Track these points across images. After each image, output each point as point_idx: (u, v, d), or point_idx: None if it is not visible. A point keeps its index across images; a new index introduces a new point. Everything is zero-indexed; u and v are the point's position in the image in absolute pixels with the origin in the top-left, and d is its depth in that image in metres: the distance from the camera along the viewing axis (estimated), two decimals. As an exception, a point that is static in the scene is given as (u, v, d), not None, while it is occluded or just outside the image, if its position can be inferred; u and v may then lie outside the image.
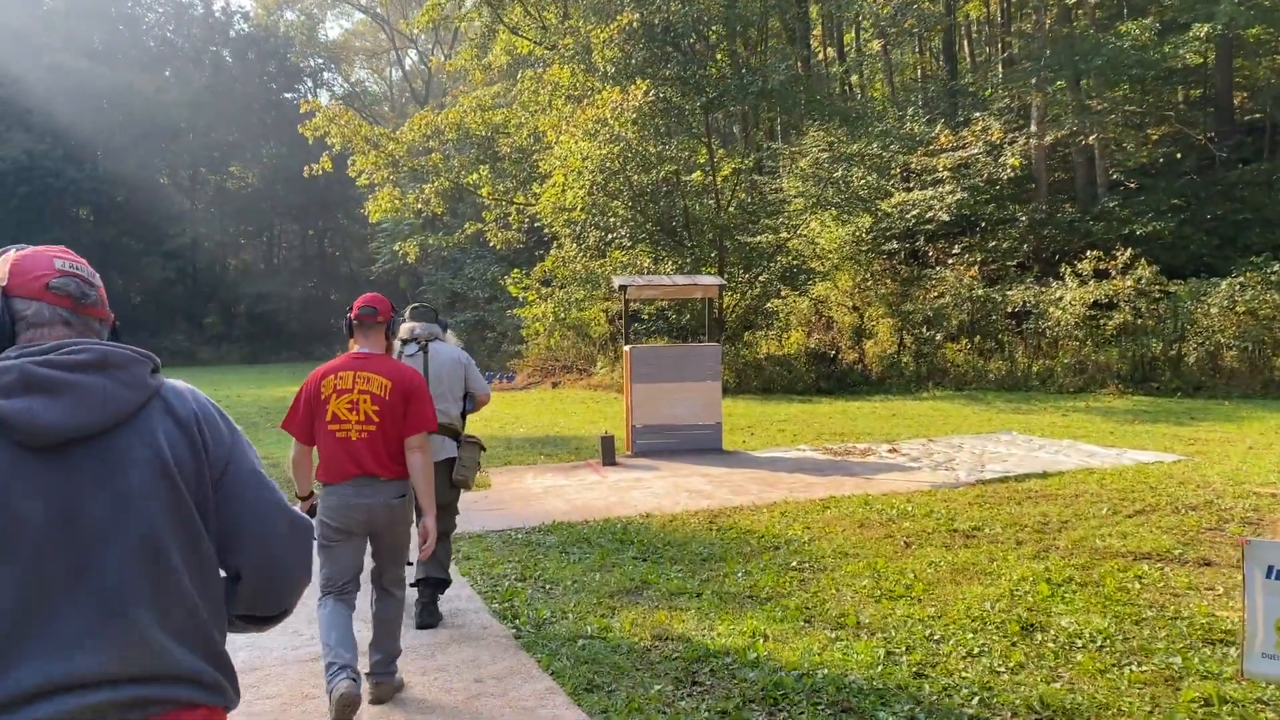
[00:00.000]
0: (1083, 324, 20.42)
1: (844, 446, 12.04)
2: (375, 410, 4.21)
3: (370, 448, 4.20)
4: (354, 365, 4.30)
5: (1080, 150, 25.24)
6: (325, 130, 23.81)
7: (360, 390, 4.24)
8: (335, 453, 4.21)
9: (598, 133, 18.83)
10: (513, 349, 28.75)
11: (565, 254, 21.56)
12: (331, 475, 4.23)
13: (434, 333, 5.74)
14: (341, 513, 4.23)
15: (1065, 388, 18.03)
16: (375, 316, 4.42)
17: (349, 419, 4.21)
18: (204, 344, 45.70)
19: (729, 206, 21.95)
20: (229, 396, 22.26)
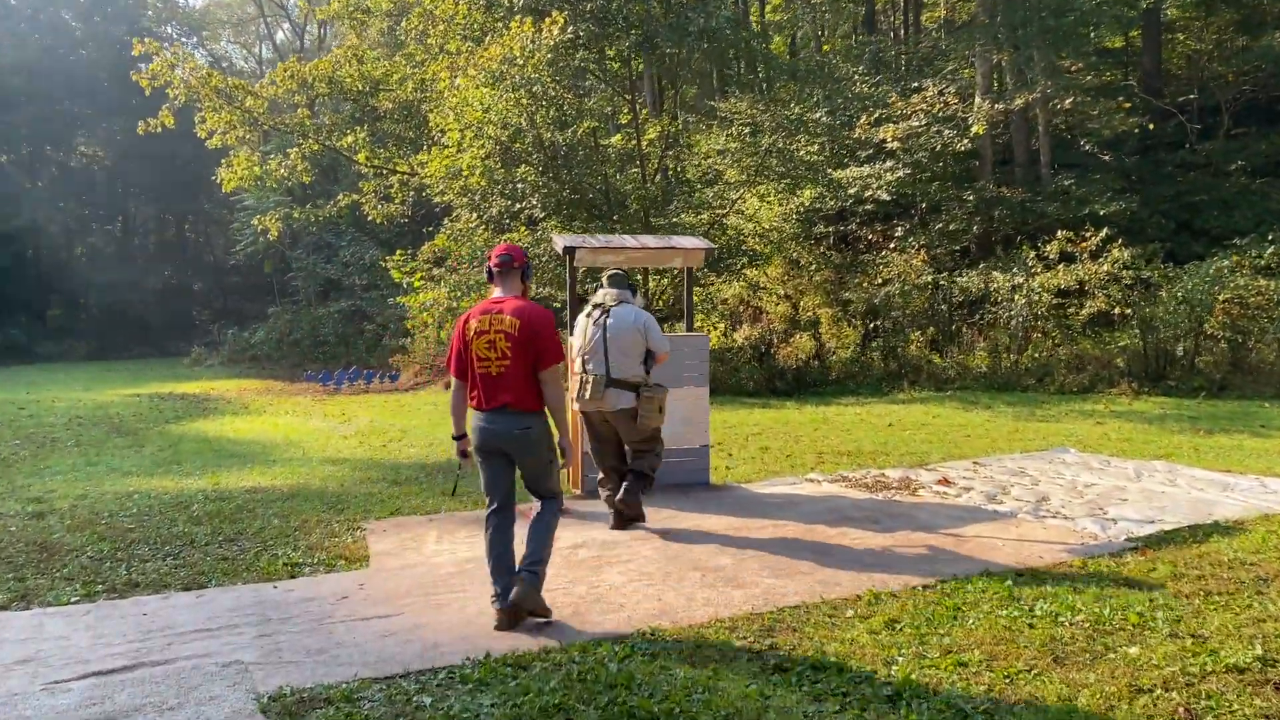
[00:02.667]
0: (1050, 313, 17.45)
1: (869, 476, 8.43)
2: (509, 347, 4.69)
3: (507, 381, 4.71)
4: (489, 309, 4.82)
5: (1020, 127, 22.41)
6: (166, 79, 19.02)
7: (495, 330, 4.73)
8: (480, 386, 4.78)
9: (504, 76, 14.80)
10: (396, 343, 24.32)
11: (462, 227, 17.38)
12: (476, 404, 4.83)
13: (624, 298, 6.59)
14: (480, 436, 4.83)
15: (1067, 387, 14.89)
16: (511, 264, 4.94)
17: (489, 356, 4.73)
18: (44, 338, 39.41)
19: (655, 176, 18.15)
20: (39, 403, 17.38)
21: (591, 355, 6.63)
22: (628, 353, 6.47)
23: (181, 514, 7.69)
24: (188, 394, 19.10)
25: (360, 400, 17.51)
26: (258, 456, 10.77)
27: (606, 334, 6.51)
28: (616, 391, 6.48)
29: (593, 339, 6.63)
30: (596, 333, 6.59)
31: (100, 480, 9.46)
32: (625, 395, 6.47)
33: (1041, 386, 15.09)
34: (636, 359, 6.52)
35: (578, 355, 6.82)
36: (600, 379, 6.52)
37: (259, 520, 7.39)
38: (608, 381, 6.50)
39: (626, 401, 6.47)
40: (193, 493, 8.55)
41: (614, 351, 6.48)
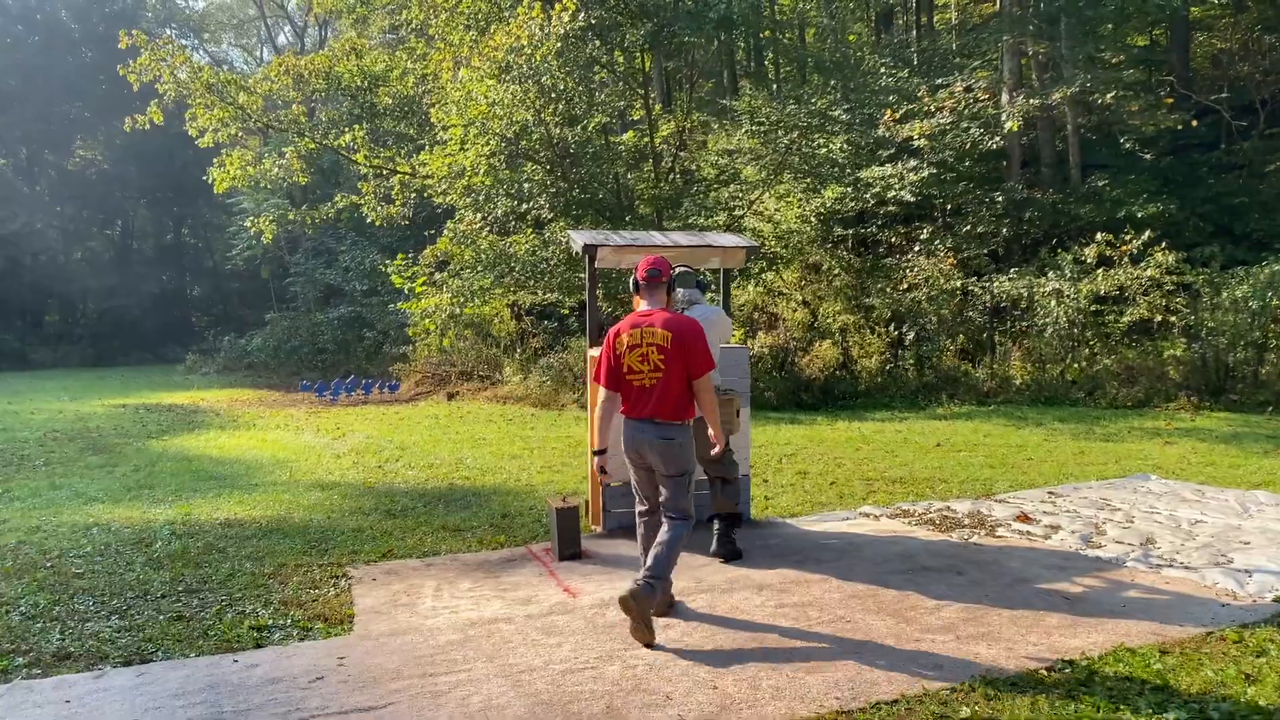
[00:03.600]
0: (1089, 321, 16.32)
1: (933, 510, 7.30)
2: (661, 360, 4.80)
3: (657, 393, 4.81)
4: (639, 322, 4.91)
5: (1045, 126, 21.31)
6: (155, 74, 17.93)
7: (648, 343, 4.83)
8: (630, 397, 4.91)
9: (511, 67, 13.70)
10: (396, 351, 23.19)
11: (465, 229, 16.25)
12: (626, 412, 4.95)
13: (693, 298, 6.10)
14: (630, 442, 4.94)
15: (1119, 401, 13.74)
16: (659, 278, 5.02)
17: (641, 369, 4.84)
18: (40, 344, 38.31)
19: (669, 175, 17.03)
20: (18, 414, 16.28)
21: None
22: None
23: (141, 554, 6.58)
24: (176, 405, 17.99)
25: (357, 413, 16.40)
26: (239, 479, 9.66)
27: None
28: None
29: None
30: None
31: (60, 508, 8.36)
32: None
33: (1091, 401, 13.94)
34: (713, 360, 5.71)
35: None
36: None
37: (228, 564, 6.28)
38: None
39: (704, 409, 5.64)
40: (158, 526, 7.44)
41: None
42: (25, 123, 40.95)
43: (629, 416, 4.92)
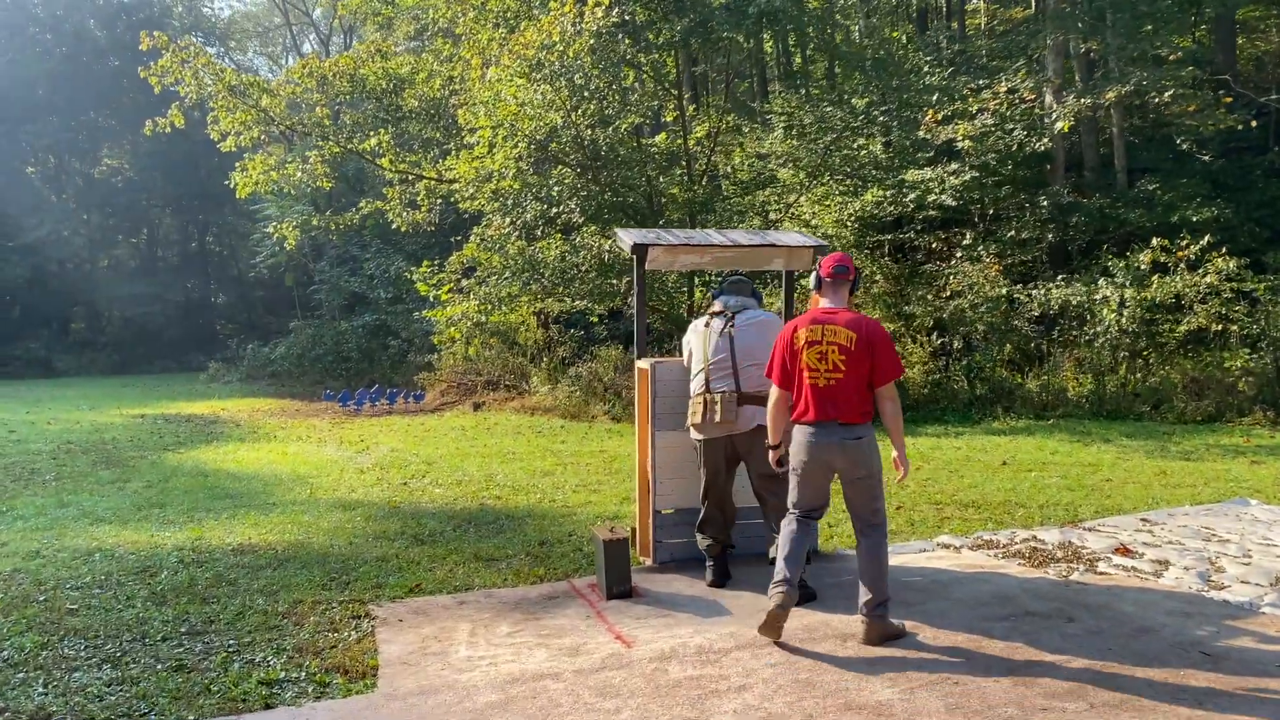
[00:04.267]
0: (1143, 330, 15.46)
1: (1017, 539, 6.53)
2: (842, 360, 4.48)
3: (835, 394, 4.49)
4: (822, 319, 4.57)
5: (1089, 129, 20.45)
6: (177, 76, 17.42)
7: (829, 341, 4.50)
8: (805, 397, 4.57)
9: (543, 64, 13.04)
10: (421, 359, 22.57)
11: (494, 234, 15.59)
12: (799, 416, 4.61)
13: (745, 304, 5.61)
14: (803, 449, 4.59)
15: (1188, 415, 12.87)
16: (846, 275, 4.68)
17: (819, 368, 4.51)
18: (65, 352, 37.96)
19: (702, 179, 16.31)
20: (34, 425, 15.74)
21: (716, 370, 5.47)
22: (762, 364, 5.31)
23: (144, 586, 5.93)
24: (195, 415, 17.42)
25: (381, 423, 15.76)
26: (255, 498, 9.01)
27: (735, 344, 5.45)
28: (752, 409, 5.38)
29: (717, 351, 5.49)
30: (722, 343, 5.51)
31: (64, 530, 7.72)
32: (762, 413, 5.26)
33: (1158, 415, 13.07)
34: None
35: (696, 373, 5.57)
36: (730, 396, 5.40)
37: (238, 599, 5.61)
38: (740, 398, 5.42)
39: (762, 417, 5.25)
40: (166, 552, 6.78)
41: (744, 363, 5.43)
42: (53, 131, 40.77)
43: (806, 421, 4.57)
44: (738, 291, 5.63)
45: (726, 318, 5.54)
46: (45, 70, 39.08)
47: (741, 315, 5.52)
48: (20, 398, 21.98)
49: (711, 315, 5.61)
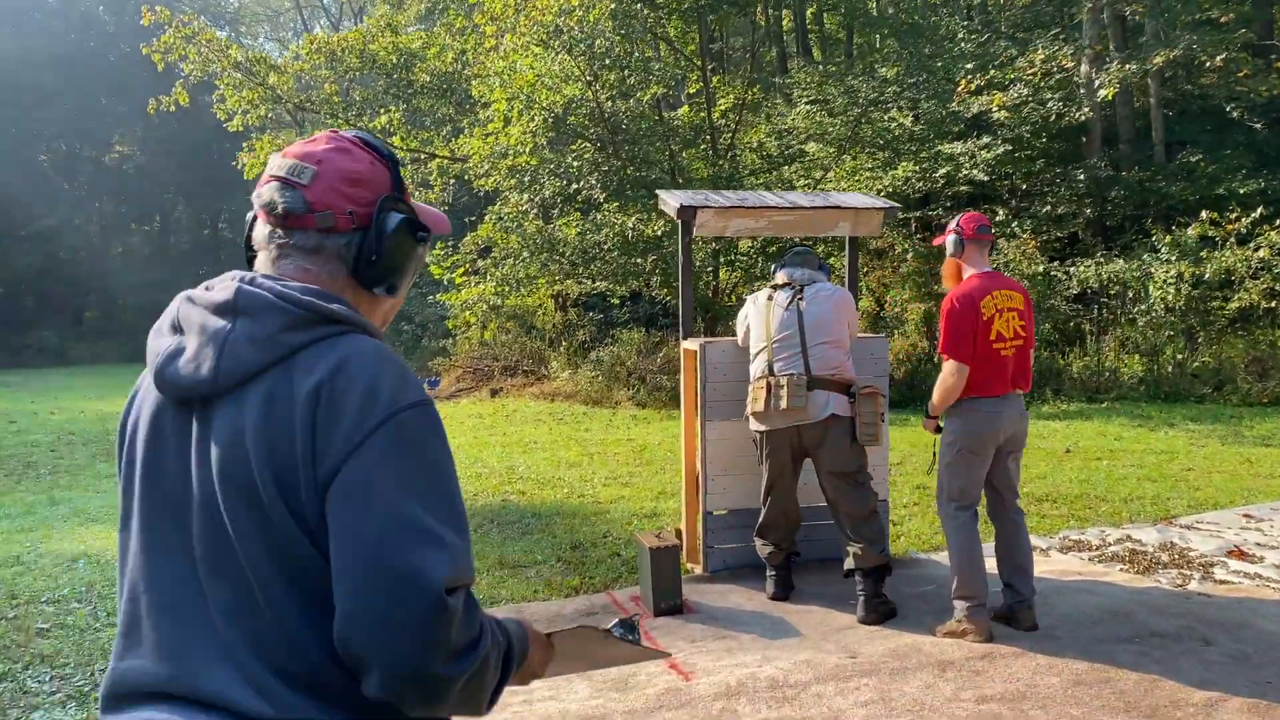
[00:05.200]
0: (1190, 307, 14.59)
1: (1110, 539, 5.75)
2: (1021, 326, 4.19)
3: (1016, 363, 4.20)
4: (996, 284, 4.18)
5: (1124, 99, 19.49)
6: (180, 53, 16.66)
7: (1009, 308, 4.16)
8: (992, 369, 4.12)
9: (561, 31, 12.23)
10: (436, 344, 21.83)
11: (510, 211, 14.79)
12: (985, 390, 4.13)
13: (813, 277, 4.79)
14: (986, 425, 4.15)
15: (1253, 397, 11.99)
16: (990, 233, 4.33)
17: (1006, 337, 4.14)
18: (78, 341, 37.43)
19: (727, 153, 15.46)
20: (37, 415, 15.08)
21: (782, 349, 4.62)
22: (835, 341, 4.64)
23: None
24: (205, 404, 16.74)
25: (396, 411, 15.03)
26: (261, 493, 8.29)
27: (804, 318, 4.61)
28: (824, 395, 4.57)
29: (783, 327, 4.63)
30: (789, 317, 4.66)
31: (52, 531, 7.02)
32: (836, 399, 4.57)
33: (1220, 397, 12.21)
34: (843, 350, 4.70)
35: (757, 353, 4.72)
36: (799, 379, 4.54)
37: (233, 616, 4.87)
38: (810, 382, 4.56)
39: (839, 406, 4.56)
40: (157, 558, 6.06)
41: (814, 340, 4.60)
42: (63, 118, 40.14)
43: (988, 395, 4.13)
44: (804, 263, 4.81)
45: (794, 289, 4.72)
46: (54, 56, 38.39)
47: (810, 288, 4.71)
48: (29, 387, 21.37)
49: (775, 288, 4.80)
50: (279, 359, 1.21)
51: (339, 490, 1.14)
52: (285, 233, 1.33)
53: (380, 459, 1.15)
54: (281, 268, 1.33)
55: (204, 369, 1.22)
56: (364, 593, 1.11)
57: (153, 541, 1.26)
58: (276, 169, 1.34)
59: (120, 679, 1.25)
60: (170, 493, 1.25)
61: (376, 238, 1.33)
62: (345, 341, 1.24)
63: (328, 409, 1.16)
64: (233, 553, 1.20)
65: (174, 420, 1.26)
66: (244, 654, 1.18)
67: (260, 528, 1.18)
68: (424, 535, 1.14)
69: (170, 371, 1.25)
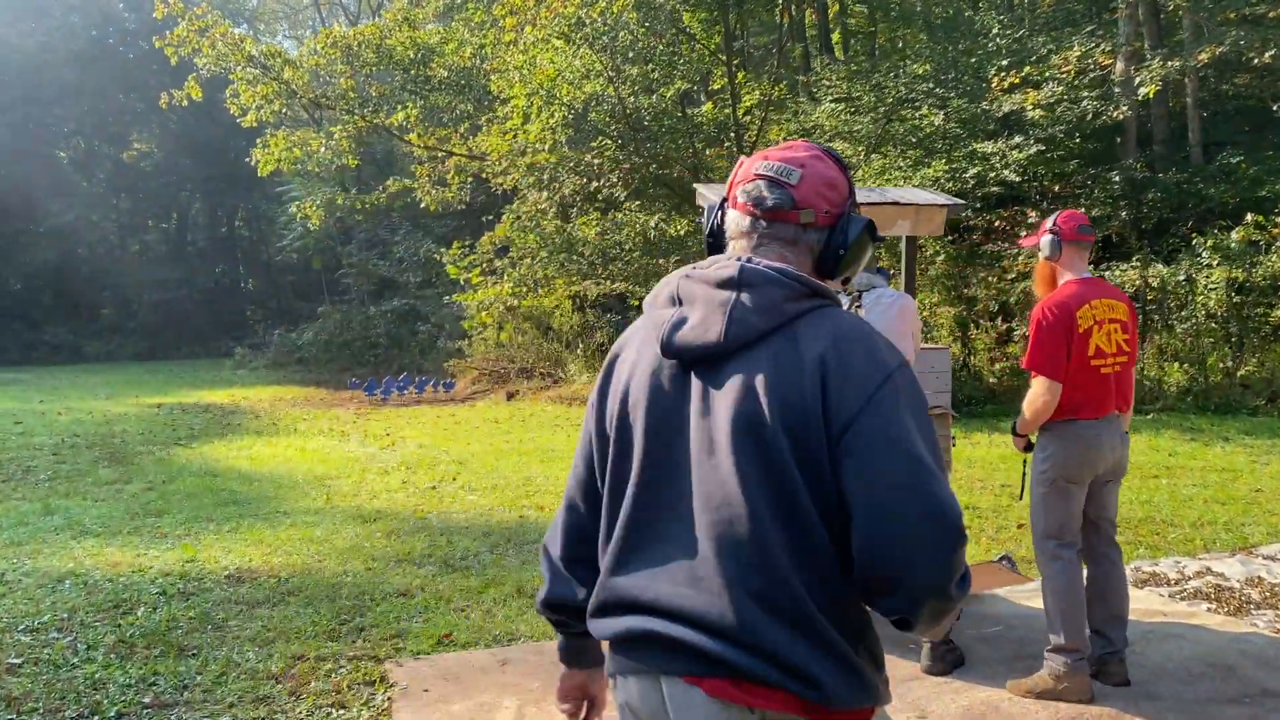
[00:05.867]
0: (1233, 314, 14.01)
1: (1191, 573, 5.21)
2: (1125, 340, 3.72)
3: (1119, 381, 3.74)
4: (1097, 293, 3.69)
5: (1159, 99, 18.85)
6: (194, 46, 16.29)
7: (1111, 320, 3.67)
8: (1091, 388, 3.64)
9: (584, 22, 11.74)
10: (452, 345, 21.39)
11: (529, 210, 14.31)
12: (1083, 411, 3.64)
13: (873, 282, 4.30)
14: (1087, 452, 3.65)
15: (1309, 410, 11.41)
16: (1093, 234, 3.86)
17: (1108, 352, 3.67)
18: (93, 338, 37.15)
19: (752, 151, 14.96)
20: (44, 415, 14.69)
21: None
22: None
23: (112, 628, 4.75)
24: (214, 404, 16.32)
25: (409, 414, 14.59)
26: (265, 504, 7.84)
27: None
28: None
29: None
30: None
31: (42, 545, 6.58)
32: None
33: (1275, 409, 11.61)
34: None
35: None
36: None
37: (224, 651, 4.40)
38: None
39: None
40: (148, 580, 5.61)
41: None
42: (81, 114, 40.00)
43: (1087, 417, 3.62)
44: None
45: (851, 296, 4.23)
46: (72, 52, 38.19)
47: (869, 295, 4.21)
48: (41, 385, 21.05)
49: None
50: (780, 324, 1.42)
51: (858, 439, 1.33)
52: (768, 224, 1.53)
53: (890, 412, 1.34)
54: (761, 254, 1.53)
55: (711, 333, 1.42)
56: (898, 523, 1.30)
57: (650, 478, 1.47)
58: (763, 169, 1.54)
59: (611, 592, 1.48)
60: (667, 439, 1.46)
61: (843, 235, 1.53)
62: (833, 313, 1.46)
63: (837, 370, 1.36)
64: (729, 490, 1.38)
65: (671, 378, 1.48)
66: (729, 579, 1.36)
67: (765, 469, 1.36)
68: (935, 475, 1.32)
69: (677, 337, 1.45)
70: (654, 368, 1.49)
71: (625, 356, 1.58)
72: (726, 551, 1.37)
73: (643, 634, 1.42)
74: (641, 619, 1.42)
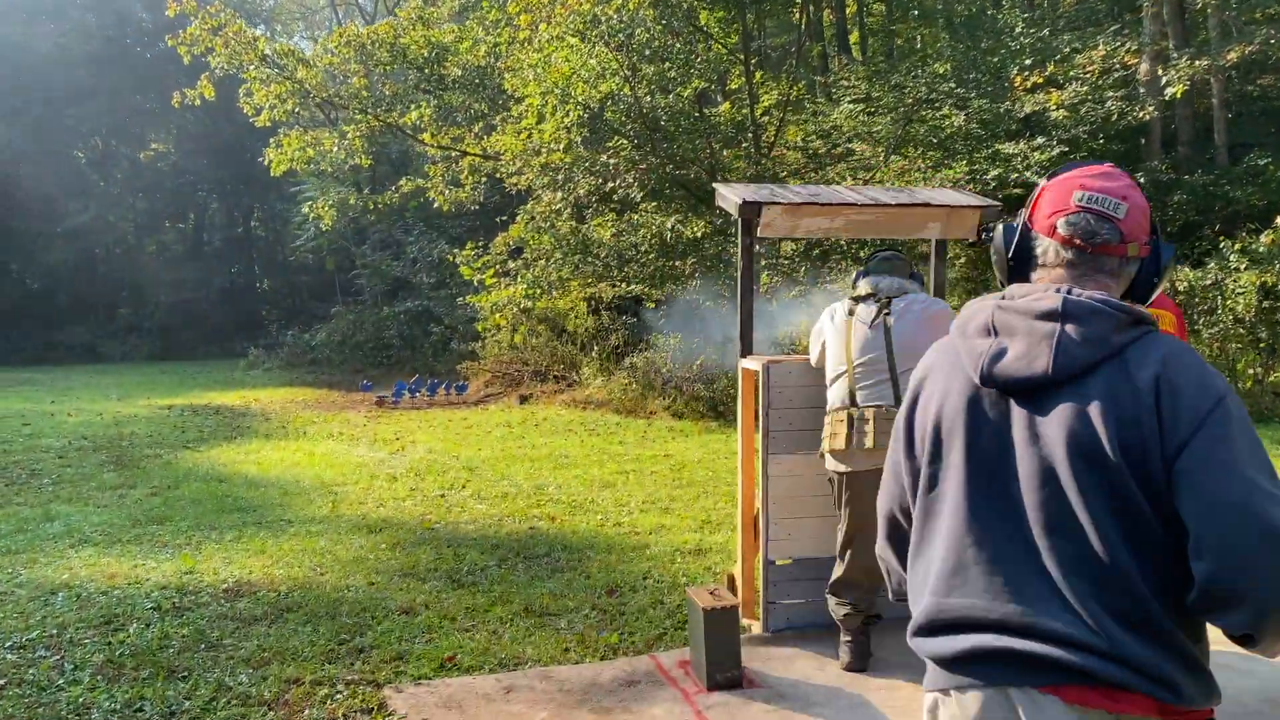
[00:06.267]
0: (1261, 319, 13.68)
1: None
2: None
3: None
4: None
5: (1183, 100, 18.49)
6: (207, 45, 16.15)
7: None
8: None
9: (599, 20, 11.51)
10: (465, 347, 21.17)
11: (543, 210, 14.09)
12: None
13: (905, 288, 4.02)
14: None
15: (1347, 419, 11.07)
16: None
17: None
18: (110, 338, 37.18)
19: (770, 151, 14.67)
20: (54, 416, 14.55)
21: (865, 375, 3.88)
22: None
23: (101, 648, 4.53)
24: (226, 406, 16.16)
25: (420, 418, 14.39)
26: (269, 511, 7.63)
27: (892, 339, 3.88)
28: None
29: (866, 348, 3.89)
30: (874, 338, 3.92)
31: (38, 554, 6.38)
32: None
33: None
34: None
35: (835, 379, 3.98)
36: (887, 412, 3.81)
37: (215, 673, 4.18)
38: None
39: None
40: (144, 593, 5.40)
41: (905, 366, 3.83)
42: (98, 115, 40.03)
43: None
44: (892, 270, 4.04)
45: (879, 302, 3.97)
46: (89, 52, 38.24)
47: (899, 300, 3.95)
48: (54, 385, 20.97)
49: (855, 300, 4.04)
50: (1110, 355, 1.48)
51: (1192, 461, 1.40)
52: (1091, 256, 1.58)
53: (1222, 435, 1.40)
54: (1082, 284, 1.57)
55: (1038, 365, 1.48)
56: (1238, 543, 1.35)
57: (976, 504, 1.52)
58: (1086, 201, 1.57)
59: (944, 612, 1.53)
60: (988, 464, 1.52)
61: (1156, 264, 1.61)
62: (1159, 339, 1.51)
63: (1169, 396, 1.43)
64: (1071, 512, 1.45)
65: (991, 406, 1.53)
66: (1082, 596, 1.44)
67: (1104, 490, 1.44)
68: (1271, 496, 1.37)
69: (998, 368, 1.51)
70: (969, 396, 1.55)
71: (931, 383, 1.64)
72: (1078, 572, 1.44)
73: (990, 651, 1.47)
74: (988, 637, 1.48)
